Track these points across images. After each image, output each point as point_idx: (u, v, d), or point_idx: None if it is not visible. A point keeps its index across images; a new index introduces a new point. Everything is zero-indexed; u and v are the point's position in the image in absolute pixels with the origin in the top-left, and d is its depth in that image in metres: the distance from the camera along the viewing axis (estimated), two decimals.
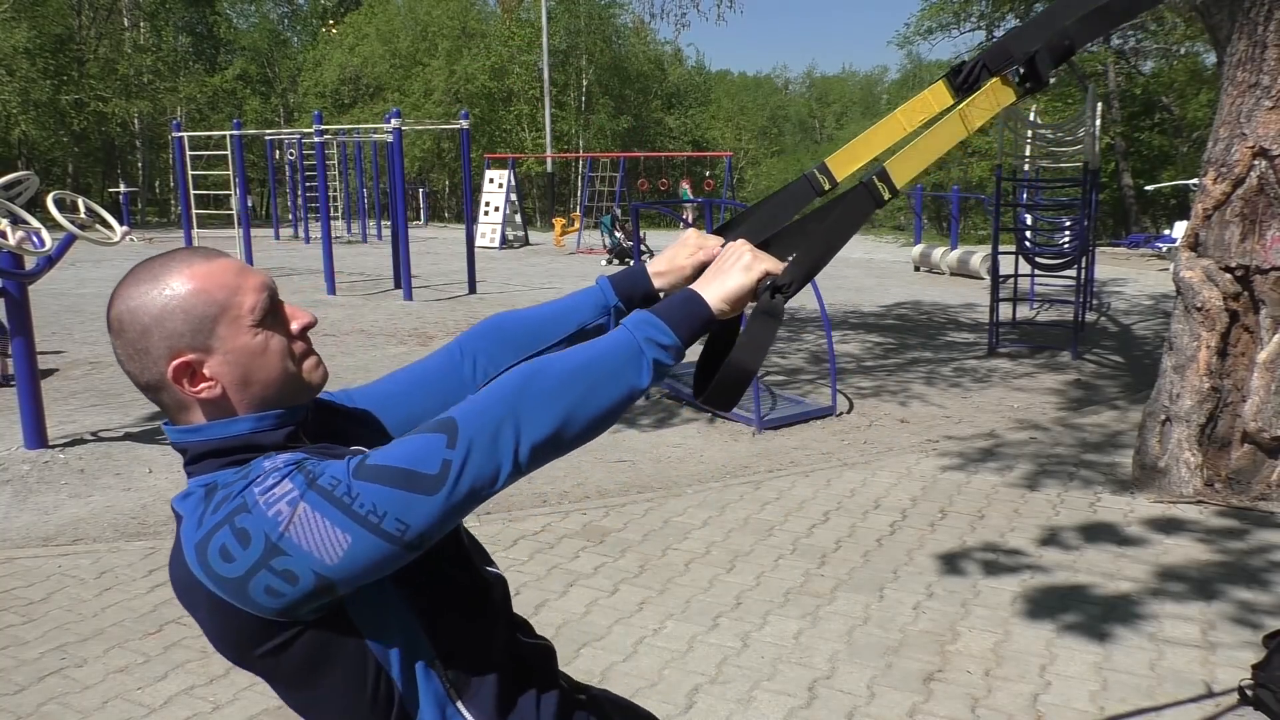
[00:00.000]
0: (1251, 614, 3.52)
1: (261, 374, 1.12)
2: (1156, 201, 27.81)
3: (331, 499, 1.01)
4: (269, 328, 1.13)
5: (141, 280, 1.10)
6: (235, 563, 1.01)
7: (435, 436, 1.03)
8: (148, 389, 1.13)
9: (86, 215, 5.91)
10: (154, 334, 1.09)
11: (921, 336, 10.08)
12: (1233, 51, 4.68)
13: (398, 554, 1.02)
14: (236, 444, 1.11)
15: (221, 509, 1.03)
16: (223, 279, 1.11)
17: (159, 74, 34.06)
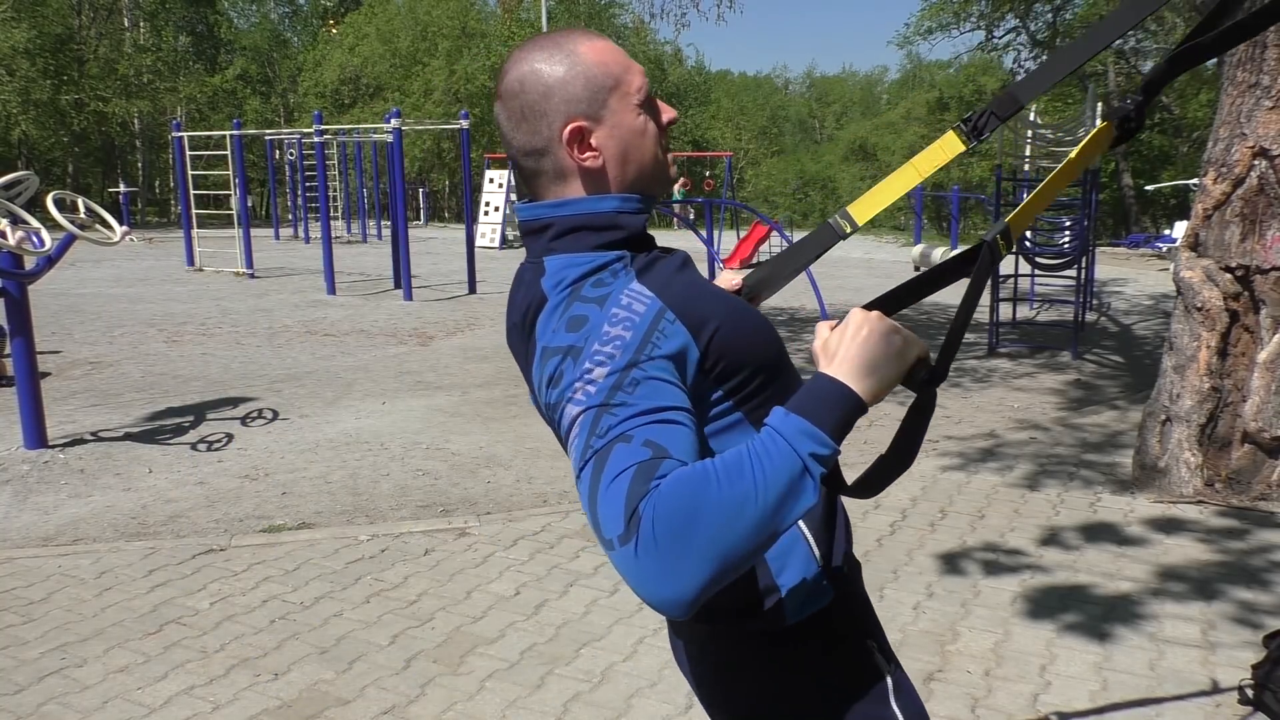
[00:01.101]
0: (1252, 614, 3.52)
1: (637, 154, 1.18)
2: (1156, 201, 27.82)
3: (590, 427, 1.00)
4: (648, 112, 1.19)
5: (544, 47, 1.16)
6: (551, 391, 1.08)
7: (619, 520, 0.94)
8: (531, 154, 1.18)
9: (86, 215, 5.91)
10: (556, 95, 1.14)
11: (922, 336, 10.04)
12: (1233, 51, 4.68)
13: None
14: (603, 221, 1.16)
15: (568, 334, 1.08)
16: (616, 55, 1.18)
17: (159, 74, 34.07)
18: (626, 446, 0.97)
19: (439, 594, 3.78)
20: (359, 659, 3.27)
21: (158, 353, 9.02)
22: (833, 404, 1.02)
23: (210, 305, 12.17)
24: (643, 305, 1.08)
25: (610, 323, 1.07)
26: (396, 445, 5.95)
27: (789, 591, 1.18)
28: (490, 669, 3.18)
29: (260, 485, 5.20)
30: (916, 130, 37.40)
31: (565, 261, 1.15)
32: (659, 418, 1.00)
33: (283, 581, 3.92)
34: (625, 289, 1.10)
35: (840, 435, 1.01)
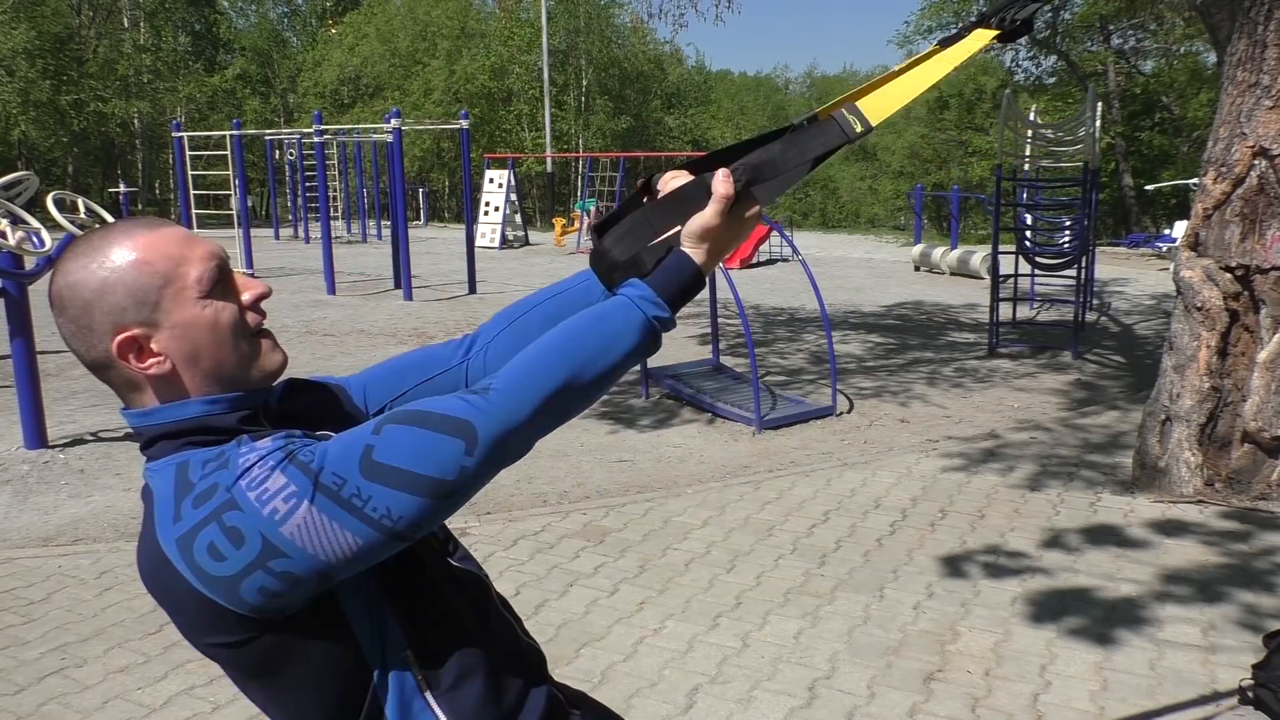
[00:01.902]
0: (1252, 614, 3.52)
1: (211, 349, 1.08)
2: (1156, 201, 27.81)
3: (341, 502, 0.98)
4: (219, 298, 1.09)
5: (81, 254, 1.06)
6: (226, 562, 0.97)
7: (452, 441, 1.00)
8: (95, 368, 1.09)
9: (86, 215, 5.91)
10: (96, 309, 1.04)
11: (922, 336, 10.08)
12: (1233, 51, 4.68)
13: (394, 546, 1.02)
14: (188, 427, 1.07)
15: (205, 504, 0.99)
16: (166, 249, 1.06)
17: (159, 74, 34.07)
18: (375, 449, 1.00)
19: None
20: None
21: None
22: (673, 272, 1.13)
23: None
24: (268, 440, 1.03)
25: (244, 459, 1.00)
26: None
27: None
28: None
29: None
30: (916, 130, 37.38)
31: (162, 467, 1.06)
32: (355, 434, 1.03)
33: None
34: (242, 448, 1.03)
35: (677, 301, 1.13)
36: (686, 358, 8.16)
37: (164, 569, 1.02)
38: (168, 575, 1.02)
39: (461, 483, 1.01)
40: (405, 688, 1.11)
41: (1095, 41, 27.48)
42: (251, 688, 1.12)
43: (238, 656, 1.06)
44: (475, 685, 1.15)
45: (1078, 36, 27.06)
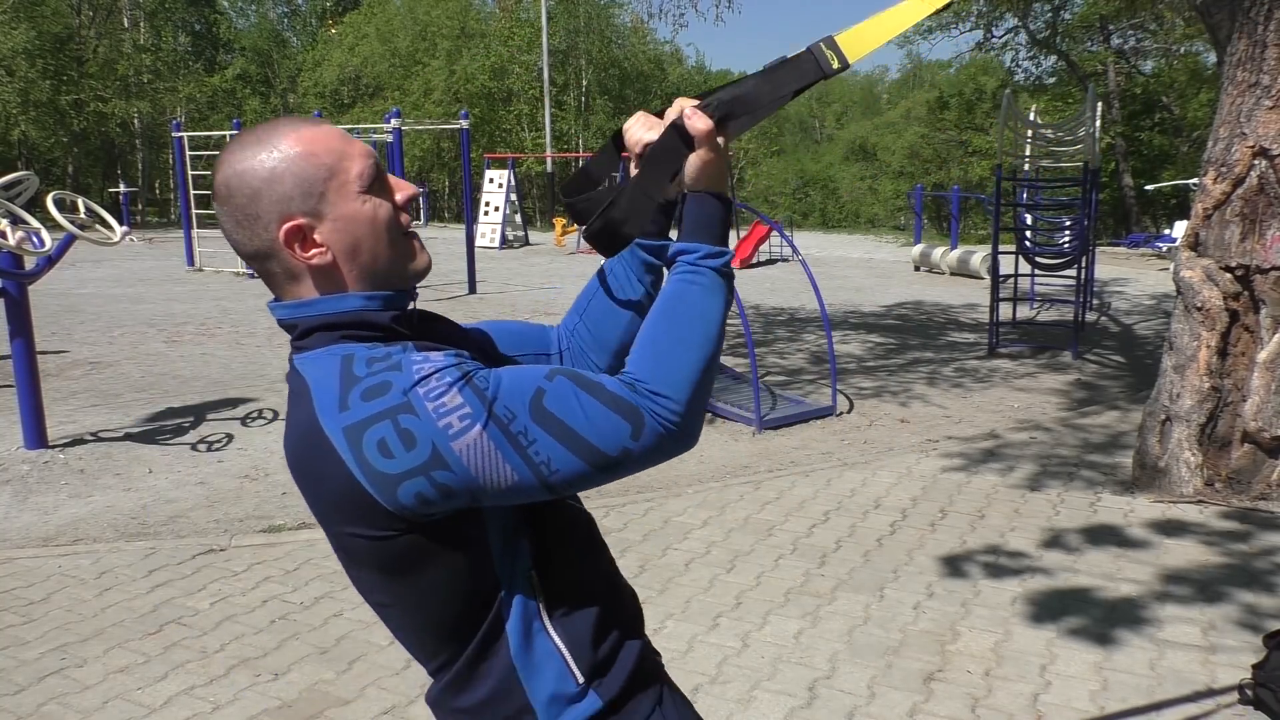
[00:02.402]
0: (1252, 614, 3.52)
1: (369, 243, 1.11)
2: (1156, 201, 27.81)
3: (509, 437, 1.01)
4: (376, 195, 1.12)
5: (249, 145, 1.09)
6: (394, 460, 1.01)
7: (621, 421, 1.03)
8: (256, 257, 1.12)
9: (86, 215, 5.91)
10: (264, 197, 1.08)
11: (922, 336, 10.08)
12: (1233, 51, 4.68)
13: (542, 495, 1.06)
14: (347, 319, 1.11)
15: (376, 400, 1.02)
16: (329, 143, 1.10)
17: (159, 74, 34.06)
18: (546, 394, 1.03)
19: None
20: (359, 659, 3.27)
21: (158, 353, 9.02)
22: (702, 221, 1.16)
23: (210, 305, 12.17)
24: (439, 354, 1.06)
25: (418, 368, 1.03)
26: None
27: (544, 708, 1.16)
28: None
29: (260, 485, 5.20)
30: (916, 130, 37.37)
31: (319, 356, 1.09)
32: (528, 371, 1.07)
33: (283, 581, 3.92)
34: (413, 355, 1.06)
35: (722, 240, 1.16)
36: None
37: (321, 452, 1.05)
38: (323, 459, 1.05)
39: (620, 461, 1.04)
40: (527, 608, 1.15)
41: (1095, 41, 27.49)
42: (379, 583, 1.15)
43: (376, 549, 1.09)
44: (588, 615, 1.19)
45: (1078, 36, 27.05)
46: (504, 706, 1.16)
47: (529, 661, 1.15)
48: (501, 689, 1.15)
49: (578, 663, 1.16)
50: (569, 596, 1.18)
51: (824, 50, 1.15)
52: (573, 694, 1.16)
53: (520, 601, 1.15)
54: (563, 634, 1.16)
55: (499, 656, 1.15)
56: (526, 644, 1.15)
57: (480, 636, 1.14)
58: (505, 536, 1.13)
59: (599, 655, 1.18)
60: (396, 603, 1.16)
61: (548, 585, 1.17)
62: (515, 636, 1.15)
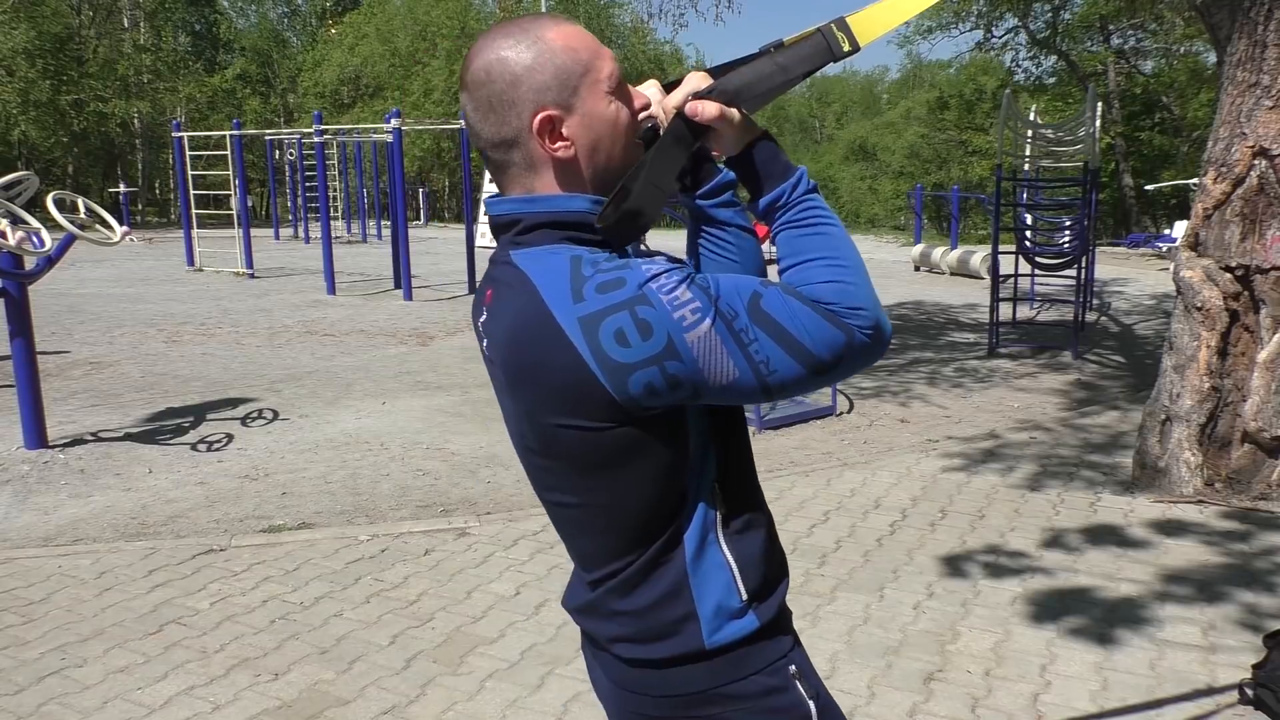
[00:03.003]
0: (1252, 614, 3.52)
1: (608, 143, 1.14)
2: (1156, 201, 27.81)
3: (733, 334, 1.05)
4: (619, 99, 1.15)
5: (510, 34, 1.12)
6: (631, 349, 1.04)
7: (835, 331, 1.07)
8: (500, 145, 1.14)
9: (86, 215, 5.91)
10: (524, 84, 1.10)
11: (922, 336, 10.08)
12: (1233, 51, 4.68)
13: (758, 398, 1.09)
14: (572, 219, 1.13)
15: (613, 292, 1.05)
16: (586, 41, 1.13)
17: (159, 74, 34.06)
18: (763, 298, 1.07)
19: (439, 594, 3.77)
20: (359, 659, 3.27)
21: (158, 353, 9.02)
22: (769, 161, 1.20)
23: (210, 305, 12.17)
24: (662, 258, 1.10)
25: (647, 267, 1.07)
26: (396, 445, 5.95)
27: (708, 617, 1.19)
28: (490, 669, 3.18)
29: (260, 485, 5.20)
30: (917, 130, 37.38)
31: (544, 253, 1.11)
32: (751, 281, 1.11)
33: (283, 581, 3.91)
34: (638, 259, 1.10)
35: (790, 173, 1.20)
36: None
37: (551, 342, 1.07)
38: (554, 348, 1.07)
39: (833, 365, 1.08)
40: (707, 518, 1.19)
41: (1095, 41, 27.49)
42: (576, 480, 1.18)
43: (589, 441, 1.12)
44: (757, 537, 1.23)
45: (1078, 36, 27.06)
46: (669, 611, 1.18)
47: (700, 570, 1.18)
48: (670, 593, 1.18)
49: (744, 581, 1.20)
50: (743, 515, 1.22)
51: (835, 32, 1.15)
52: (736, 609, 1.19)
53: (702, 511, 1.18)
54: (734, 550, 1.19)
55: (673, 563, 1.18)
56: (700, 554, 1.18)
57: (661, 541, 1.17)
58: (700, 446, 1.17)
59: (762, 579, 1.21)
60: (588, 501, 1.18)
61: (728, 500, 1.20)
62: (692, 545, 1.17)
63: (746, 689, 1.20)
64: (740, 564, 1.19)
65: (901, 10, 1.19)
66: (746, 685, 1.20)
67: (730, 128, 1.16)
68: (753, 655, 1.20)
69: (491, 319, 1.16)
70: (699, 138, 1.16)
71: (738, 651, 1.19)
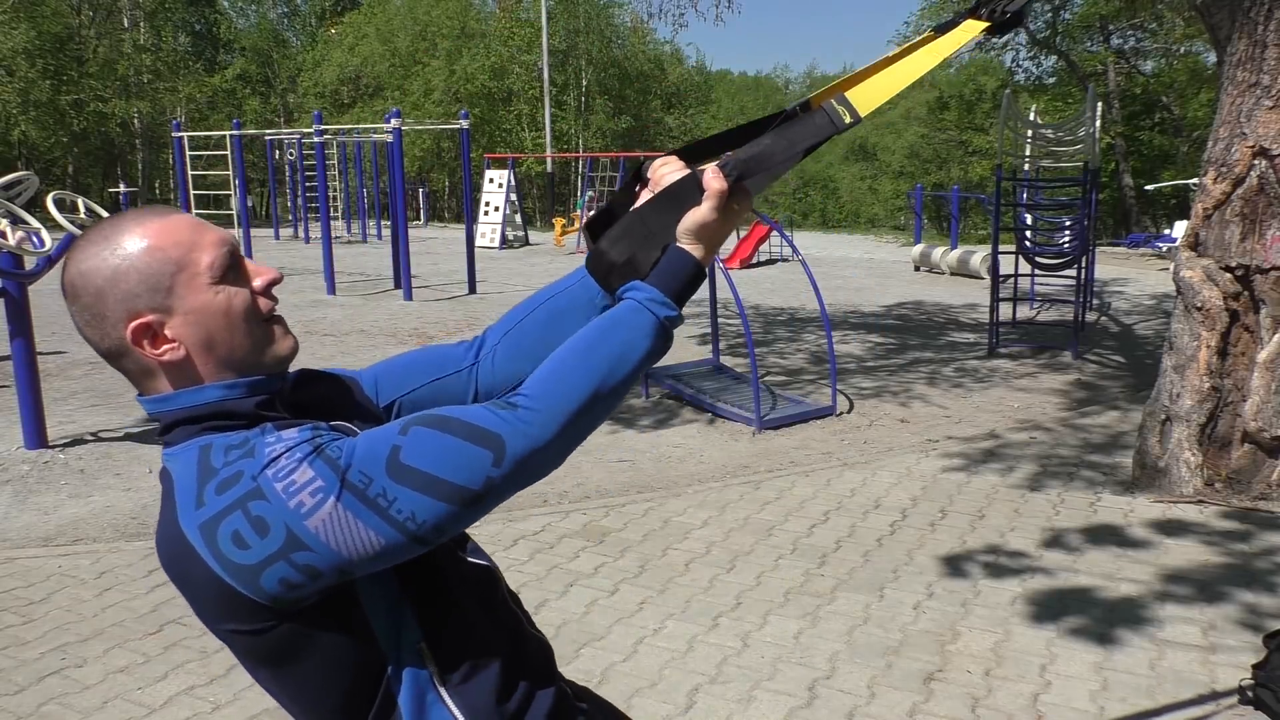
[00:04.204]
0: (1252, 614, 3.52)
1: (225, 334, 1.08)
2: (1156, 201, 27.82)
3: (366, 501, 0.99)
4: (231, 284, 1.09)
5: (93, 242, 1.06)
6: (250, 550, 0.98)
7: (481, 452, 1.01)
8: (109, 356, 1.09)
9: (86, 215, 5.91)
10: (109, 296, 1.05)
11: (922, 336, 10.08)
12: (1233, 51, 4.68)
13: (415, 549, 1.03)
14: (206, 412, 1.08)
15: (229, 491, 1.00)
16: (177, 235, 1.07)
17: (159, 74, 34.05)
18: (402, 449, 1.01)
19: None
20: None
21: None
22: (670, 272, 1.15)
23: None
24: (294, 430, 1.04)
25: (270, 449, 1.01)
26: None
27: None
28: None
29: None
30: (916, 130, 37.38)
31: (182, 451, 1.07)
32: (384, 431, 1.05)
33: None
34: (267, 436, 1.03)
35: (683, 297, 1.15)
36: (686, 358, 8.16)
37: (184, 553, 1.03)
38: (188, 560, 1.03)
39: (486, 492, 1.02)
40: (419, 680, 1.12)
41: (1095, 41, 27.49)
42: (264, 675, 1.13)
43: (253, 643, 1.07)
44: (486, 679, 1.16)
45: (1078, 36, 27.06)
46: None
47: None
48: None
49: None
50: (465, 661, 1.15)
51: (836, 107, 1.18)
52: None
53: (411, 674, 1.12)
54: (460, 702, 1.13)
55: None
56: (421, 718, 1.12)
57: (372, 716, 1.11)
58: (388, 610, 1.10)
59: (504, 716, 1.16)
60: (283, 691, 1.13)
61: (440, 653, 1.13)
62: (409, 711, 1.12)
63: None
64: (471, 714, 1.14)
65: (897, 80, 1.19)
66: None
67: (712, 214, 1.14)
68: None
69: (156, 532, 1.12)
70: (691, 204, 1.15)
71: None
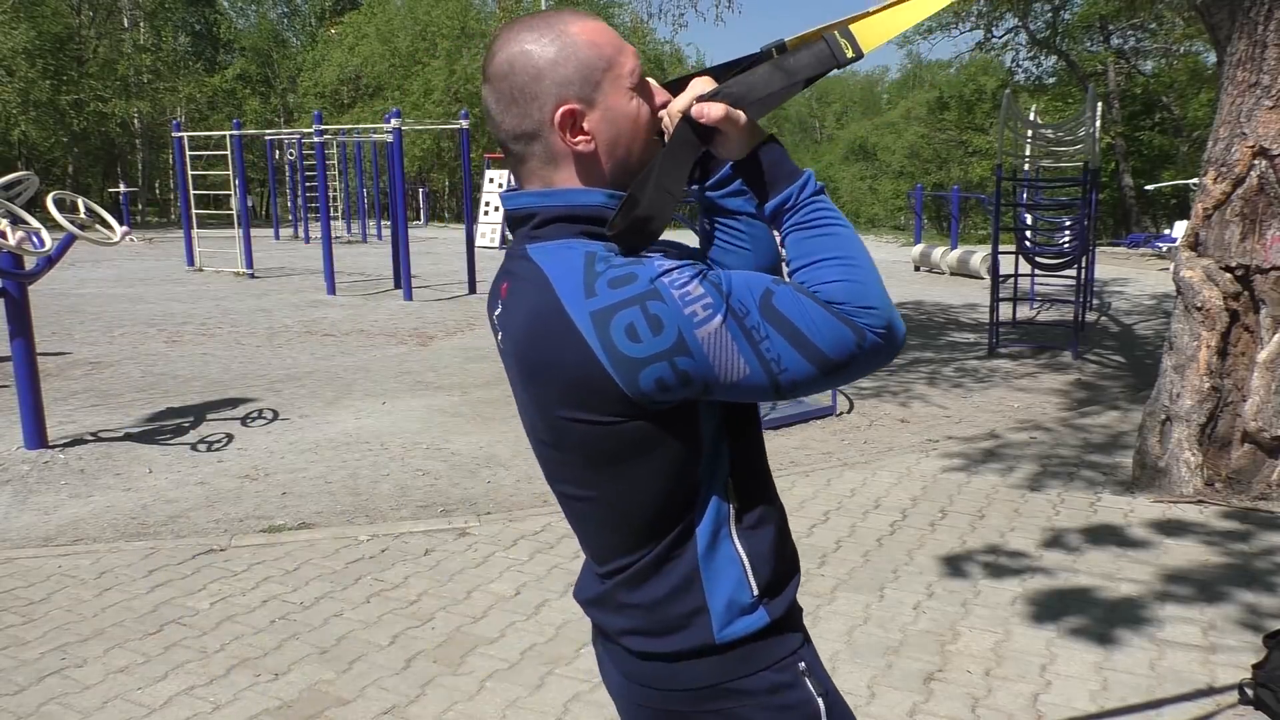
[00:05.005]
0: (1252, 614, 3.52)
1: (628, 139, 1.15)
2: (1156, 201, 27.81)
3: (744, 331, 1.05)
4: (641, 96, 1.16)
5: (534, 27, 1.12)
6: (641, 344, 1.04)
7: (847, 332, 1.06)
8: (520, 138, 1.14)
9: (86, 215, 5.91)
10: (547, 77, 1.10)
11: (922, 336, 10.08)
12: (1233, 51, 4.68)
13: (769, 395, 1.09)
14: (587, 213, 1.13)
15: (624, 288, 1.05)
16: (609, 36, 1.14)
17: (159, 74, 34.05)
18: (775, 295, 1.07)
19: (439, 594, 3.77)
20: (359, 659, 3.27)
21: (158, 353, 9.02)
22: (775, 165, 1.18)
23: (210, 305, 12.17)
24: (677, 250, 1.11)
25: (659, 263, 1.07)
26: (396, 445, 5.95)
27: (719, 612, 1.19)
28: (490, 669, 3.18)
29: (260, 485, 5.20)
30: (916, 130, 37.37)
31: (559, 247, 1.12)
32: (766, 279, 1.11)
33: (283, 581, 3.91)
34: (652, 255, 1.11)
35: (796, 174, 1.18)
36: None
37: (562, 336, 1.07)
38: (565, 343, 1.07)
39: (845, 365, 1.07)
40: (719, 513, 1.19)
41: (1095, 41, 27.48)
42: (588, 474, 1.18)
43: (601, 435, 1.12)
44: (769, 533, 1.23)
45: (1078, 36, 27.05)
46: (680, 605, 1.19)
47: (712, 564, 1.18)
48: (681, 587, 1.18)
49: (755, 576, 1.20)
50: (756, 510, 1.21)
51: (838, 39, 1.15)
52: (746, 604, 1.19)
53: (715, 505, 1.18)
54: (746, 545, 1.19)
55: (685, 557, 1.18)
56: (713, 548, 1.18)
57: (673, 535, 1.17)
58: (712, 440, 1.17)
59: (773, 575, 1.21)
60: (601, 495, 1.18)
61: (740, 495, 1.20)
62: (704, 538, 1.17)
63: (755, 684, 1.20)
64: (752, 560, 1.20)
65: (904, 18, 1.19)
66: (755, 681, 1.20)
67: (736, 130, 1.14)
68: (762, 651, 1.21)
69: (506, 312, 1.17)
70: (705, 142, 1.15)
71: (747, 647, 1.20)
